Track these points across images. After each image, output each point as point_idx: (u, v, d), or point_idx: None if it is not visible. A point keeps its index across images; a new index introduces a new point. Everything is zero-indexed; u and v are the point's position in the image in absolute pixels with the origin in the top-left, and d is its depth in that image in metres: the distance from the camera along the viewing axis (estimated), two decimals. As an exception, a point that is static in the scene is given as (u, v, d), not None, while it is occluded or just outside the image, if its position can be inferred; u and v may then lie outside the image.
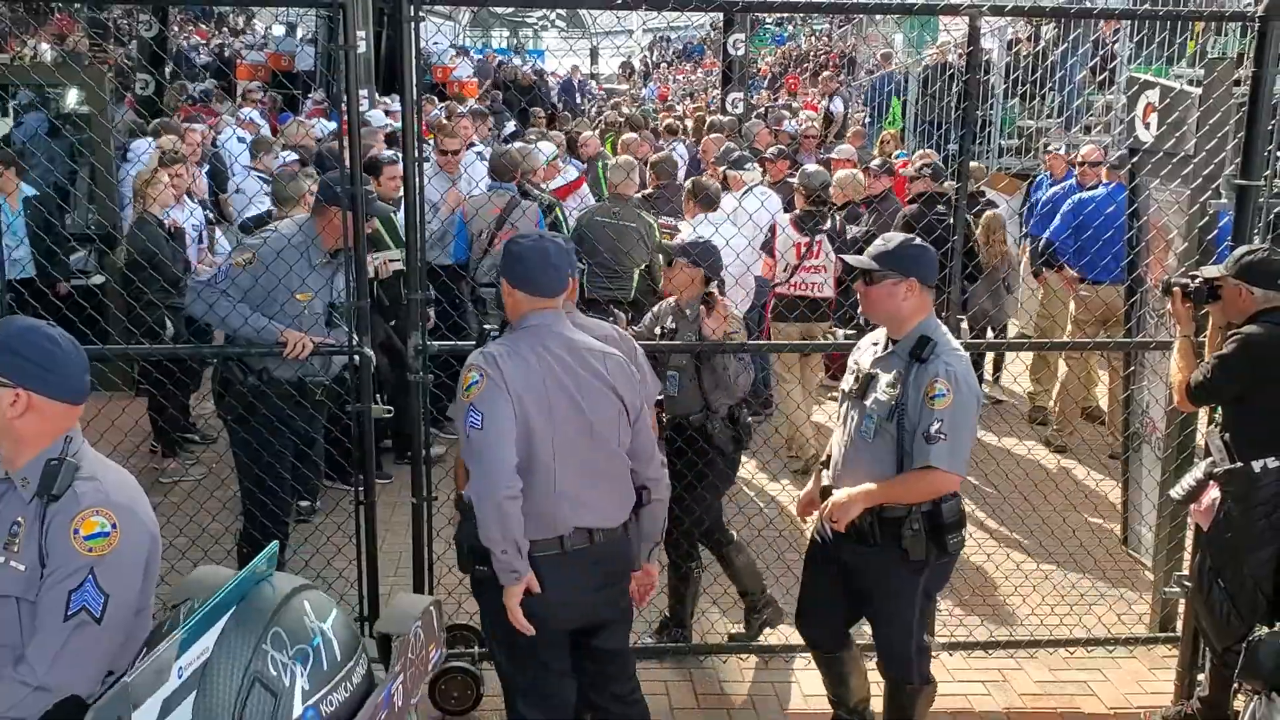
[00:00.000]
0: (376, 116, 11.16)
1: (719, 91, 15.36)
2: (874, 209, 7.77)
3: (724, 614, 5.10)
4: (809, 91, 19.78)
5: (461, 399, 3.22)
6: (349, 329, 4.24)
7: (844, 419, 3.72)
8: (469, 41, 34.16)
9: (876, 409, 3.55)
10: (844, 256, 3.89)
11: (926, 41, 16.18)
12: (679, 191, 7.87)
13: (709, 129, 10.83)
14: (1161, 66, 10.25)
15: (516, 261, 3.33)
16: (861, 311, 3.67)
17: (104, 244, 7.50)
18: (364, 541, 4.37)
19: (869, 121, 15.38)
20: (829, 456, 3.87)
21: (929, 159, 8.61)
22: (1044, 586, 5.21)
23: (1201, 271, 4.09)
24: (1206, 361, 3.91)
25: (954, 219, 4.47)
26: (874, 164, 8.72)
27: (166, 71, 14.94)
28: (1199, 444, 4.59)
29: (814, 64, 22.62)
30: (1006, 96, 12.96)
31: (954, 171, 5.77)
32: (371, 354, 4.26)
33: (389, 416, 4.44)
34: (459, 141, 7.74)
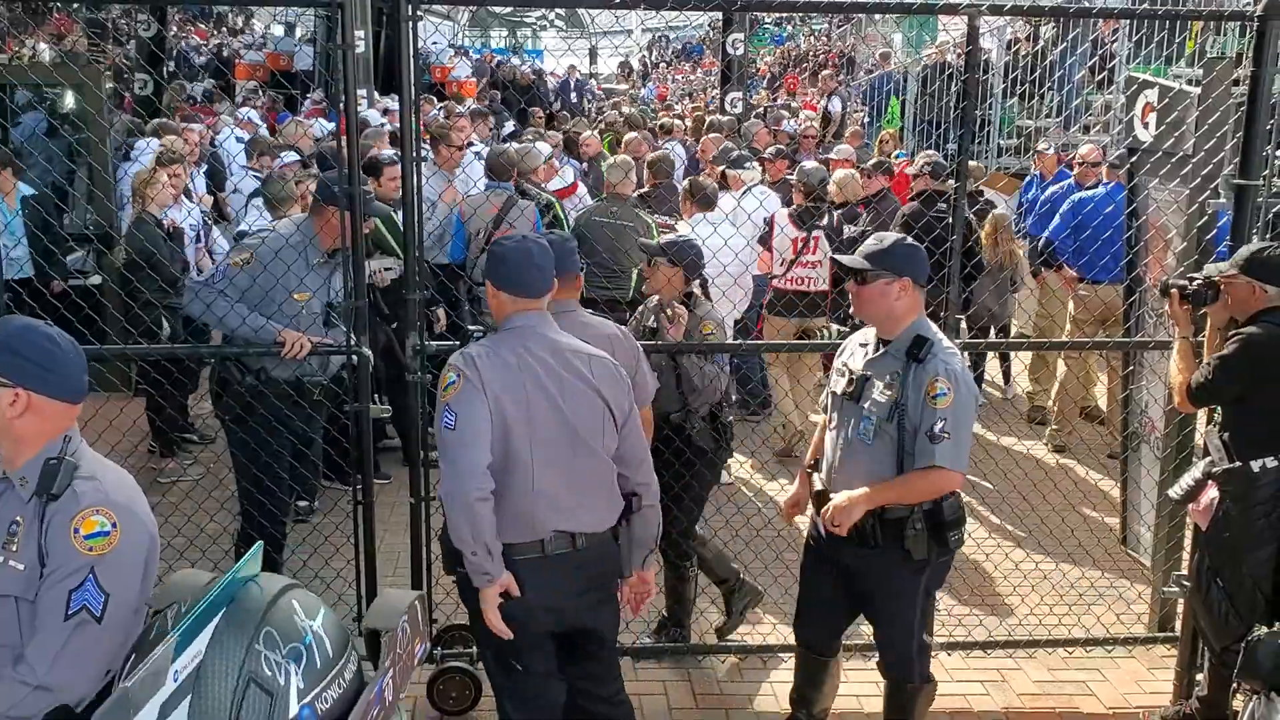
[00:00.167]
0: (372, 116, 11.14)
1: (718, 91, 15.35)
2: (872, 208, 7.77)
3: (723, 613, 5.09)
4: (808, 91, 19.79)
5: (439, 399, 3.22)
6: (347, 329, 4.24)
7: (837, 421, 3.70)
8: (468, 41, 34.17)
9: (876, 410, 3.53)
10: (836, 257, 3.88)
11: (925, 41, 16.19)
12: (676, 190, 7.87)
13: (708, 129, 10.82)
14: (1160, 66, 10.26)
15: (500, 263, 3.33)
16: (853, 312, 3.66)
17: (102, 244, 7.49)
18: (362, 541, 4.37)
19: (868, 121, 15.37)
20: (816, 459, 3.86)
21: (932, 158, 8.60)
22: (1043, 586, 5.21)
23: (1208, 269, 4.06)
24: (1207, 363, 3.89)
25: (953, 218, 4.47)
26: (868, 164, 8.71)
27: (165, 71, 14.92)
28: (1198, 443, 4.59)
29: (813, 64, 22.63)
30: (1005, 96, 12.97)
31: (953, 171, 5.76)
32: (370, 353, 4.26)
33: (387, 416, 4.44)
34: (463, 137, 7.78)
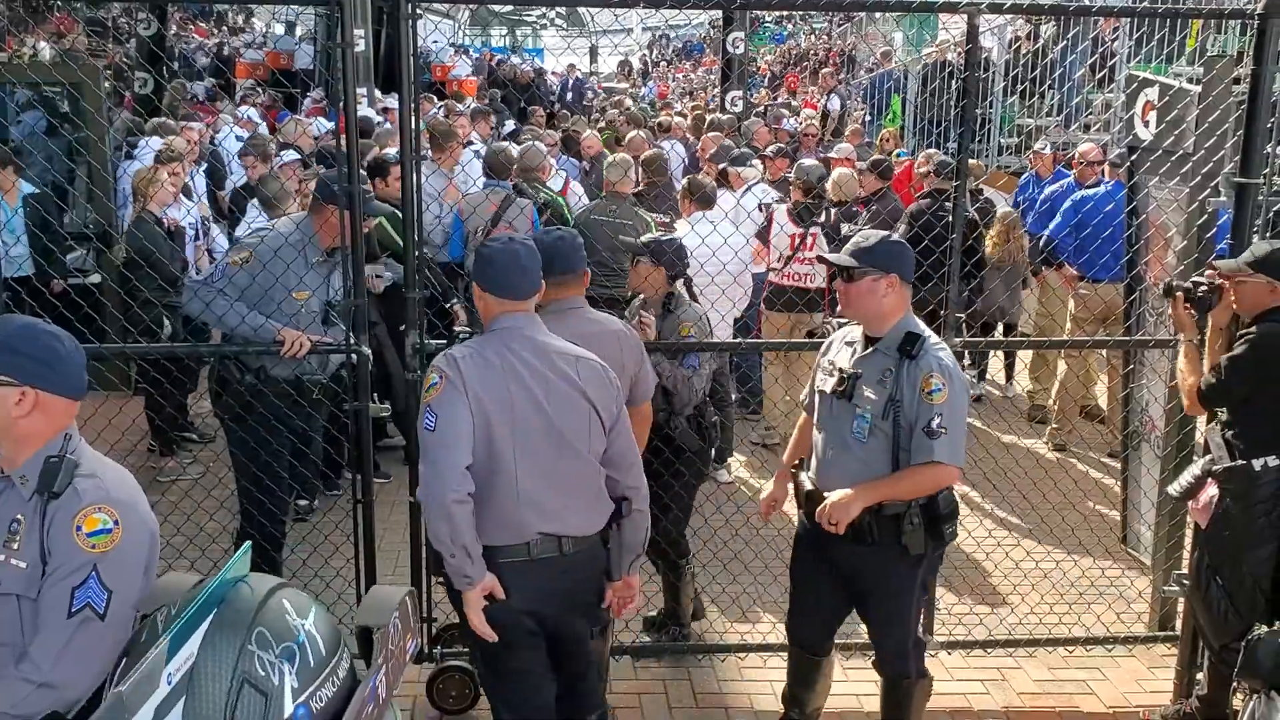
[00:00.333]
0: (370, 115, 11.15)
1: (718, 90, 15.35)
2: (872, 208, 7.76)
3: (723, 613, 5.10)
4: (809, 90, 19.77)
5: (422, 400, 3.22)
6: (346, 327, 4.23)
7: (827, 420, 3.69)
8: (468, 40, 34.17)
9: (870, 408, 3.53)
10: (823, 255, 3.87)
11: (926, 39, 16.16)
12: (673, 189, 7.86)
13: (708, 127, 10.82)
14: (1161, 64, 10.24)
15: (487, 265, 3.32)
16: (840, 309, 3.66)
17: (101, 242, 7.49)
18: (362, 540, 4.37)
19: (869, 119, 15.36)
20: (801, 459, 3.85)
21: (937, 157, 8.58)
22: (1043, 585, 5.21)
23: (1216, 265, 4.03)
24: (1216, 364, 3.87)
25: (953, 217, 4.46)
26: (864, 164, 8.70)
27: (165, 70, 14.92)
28: (1198, 441, 4.58)
29: (813, 62, 22.61)
30: (1006, 94, 12.96)
31: (953, 169, 5.76)
32: (369, 352, 4.26)
33: (388, 416, 4.44)
34: (464, 135, 7.80)
